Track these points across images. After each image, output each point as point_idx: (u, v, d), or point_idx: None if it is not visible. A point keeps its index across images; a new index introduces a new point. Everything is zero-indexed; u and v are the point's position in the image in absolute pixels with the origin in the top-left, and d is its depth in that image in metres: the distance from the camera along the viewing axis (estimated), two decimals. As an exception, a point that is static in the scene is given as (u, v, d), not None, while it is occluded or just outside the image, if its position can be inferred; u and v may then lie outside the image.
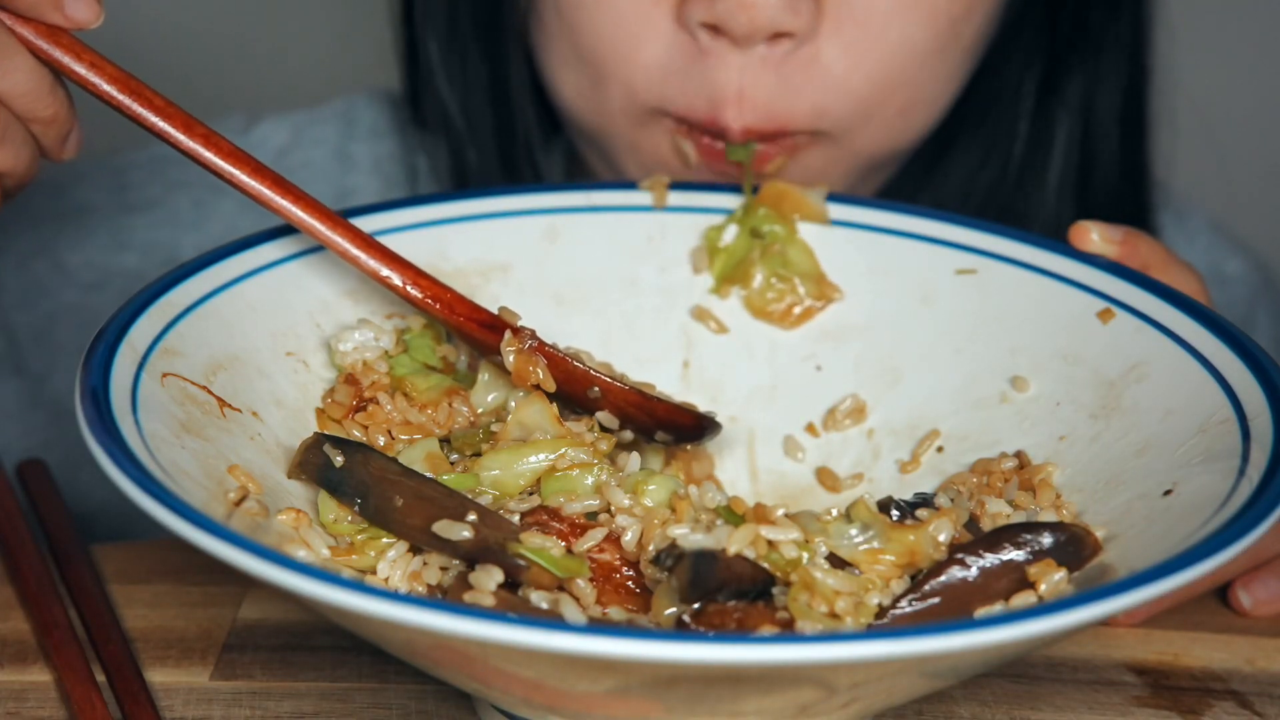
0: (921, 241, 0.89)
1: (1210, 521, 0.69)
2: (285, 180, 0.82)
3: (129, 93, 0.80)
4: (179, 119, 0.80)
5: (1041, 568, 0.73)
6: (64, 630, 0.81)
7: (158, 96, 0.80)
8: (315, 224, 0.82)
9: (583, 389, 0.82)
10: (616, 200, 0.92)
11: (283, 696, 0.79)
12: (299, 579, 0.62)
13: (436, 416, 0.82)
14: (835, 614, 0.70)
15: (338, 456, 0.76)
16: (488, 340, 0.82)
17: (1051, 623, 0.61)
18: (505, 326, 0.82)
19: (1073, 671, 0.83)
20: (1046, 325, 0.86)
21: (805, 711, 0.67)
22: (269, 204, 0.81)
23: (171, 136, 0.80)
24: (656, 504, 0.75)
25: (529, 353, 0.81)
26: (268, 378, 0.81)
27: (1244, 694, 0.82)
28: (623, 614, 0.73)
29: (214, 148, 0.81)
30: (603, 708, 0.66)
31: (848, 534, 0.74)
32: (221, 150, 0.81)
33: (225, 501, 0.73)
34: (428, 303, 0.83)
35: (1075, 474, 0.80)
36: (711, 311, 0.91)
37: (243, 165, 0.81)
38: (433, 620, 0.60)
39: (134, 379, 0.74)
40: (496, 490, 0.77)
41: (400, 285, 0.83)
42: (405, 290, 0.83)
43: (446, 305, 0.83)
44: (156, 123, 0.80)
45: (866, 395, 0.89)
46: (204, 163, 0.80)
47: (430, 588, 0.74)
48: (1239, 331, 0.79)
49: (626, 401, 0.82)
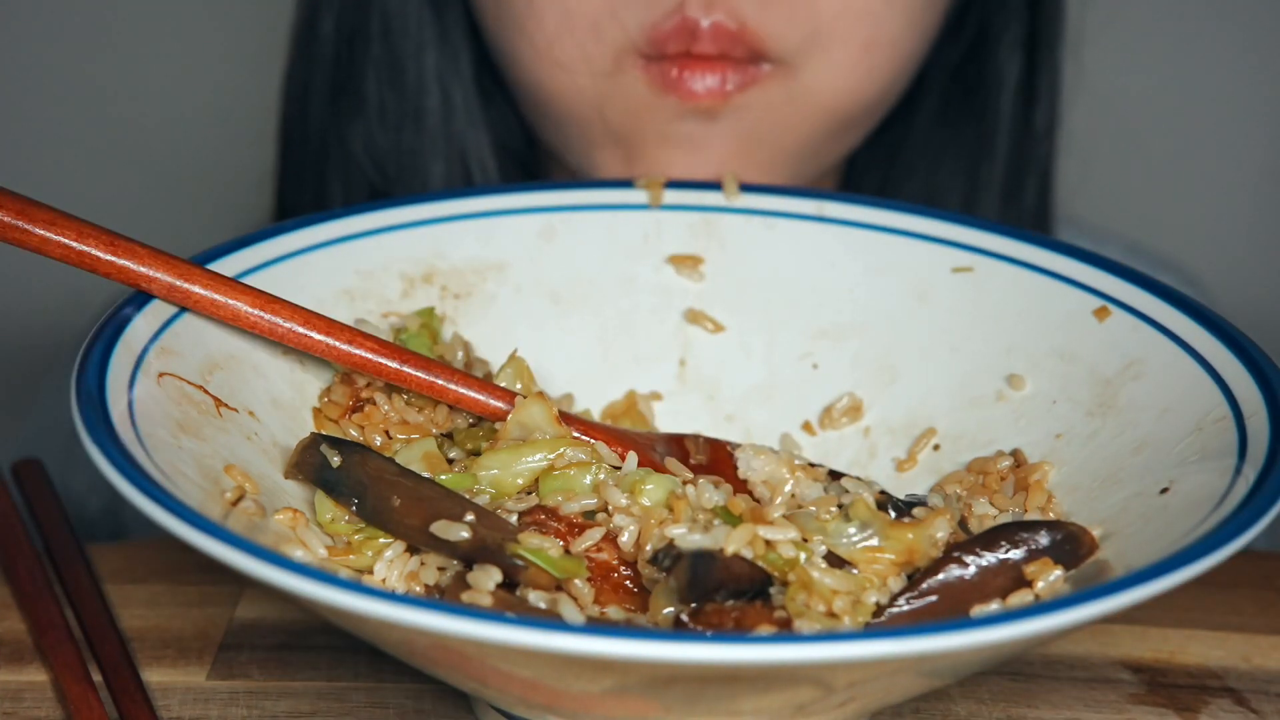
0: (918, 239, 0.90)
1: (1207, 520, 0.69)
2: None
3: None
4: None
5: (1038, 566, 0.73)
6: (60, 630, 0.81)
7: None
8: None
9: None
10: (612, 199, 0.92)
11: (279, 696, 0.79)
12: (296, 579, 0.62)
13: (434, 416, 0.82)
14: (833, 613, 0.70)
15: (335, 456, 0.76)
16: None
17: (1049, 622, 0.61)
18: (508, 398, 0.82)
19: (1069, 669, 0.83)
20: (1043, 323, 0.86)
21: (803, 710, 0.67)
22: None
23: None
24: (654, 504, 0.75)
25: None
26: (264, 377, 0.81)
27: (1240, 691, 0.82)
28: (621, 614, 0.73)
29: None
30: (600, 707, 0.66)
31: (846, 532, 0.74)
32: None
33: (222, 501, 0.73)
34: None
35: (1071, 472, 0.81)
36: (708, 310, 0.91)
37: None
38: (430, 620, 0.60)
39: (130, 379, 0.74)
40: (494, 490, 0.77)
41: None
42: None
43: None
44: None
45: (863, 393, 0.89)
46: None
47: (428, 588, 0.74)
48: (1235, 330, 0.79)
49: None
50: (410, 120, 1.11)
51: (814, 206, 0.91)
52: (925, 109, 1.16)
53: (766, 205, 0.92)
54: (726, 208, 0.92)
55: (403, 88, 1.11)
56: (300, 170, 1.16)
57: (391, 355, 0.80)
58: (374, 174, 1.12)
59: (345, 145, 1.12)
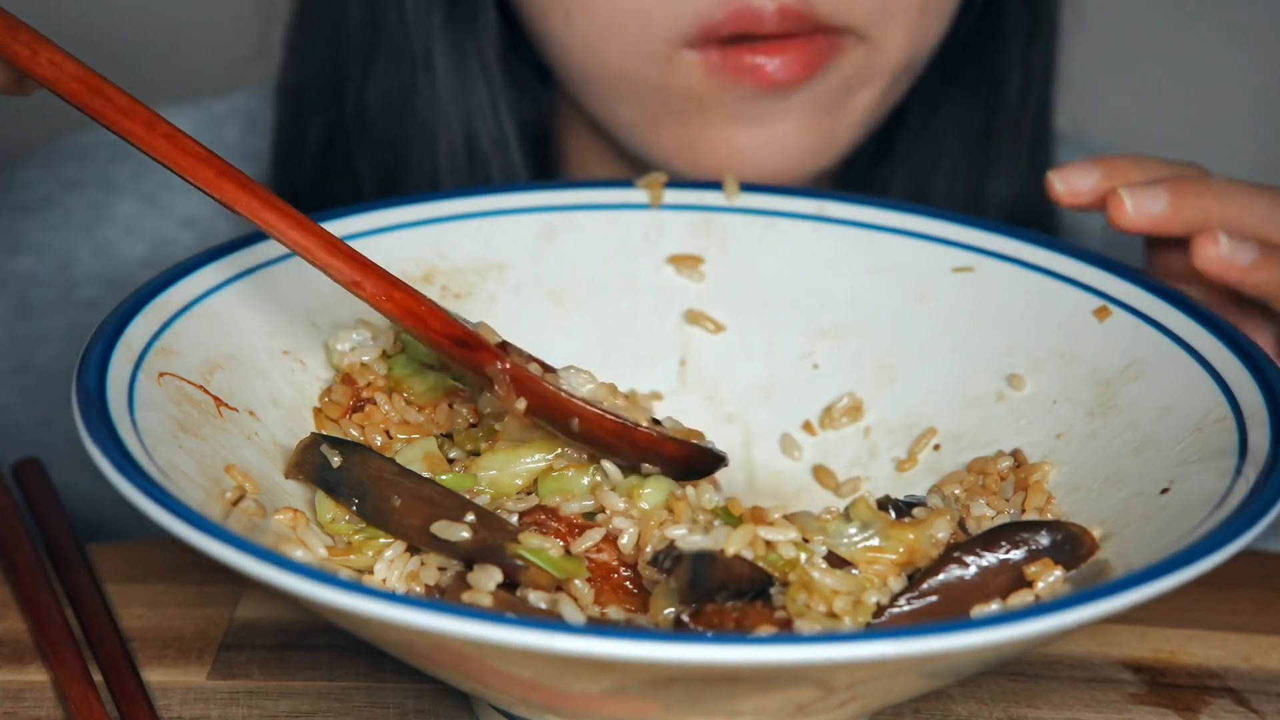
0: (918, 239, 0.90)
1: (1207, 520, 0.69)
2: (252, 182, 0.76)
3: (90, 92, 0.74)
4: (141, 117, 0.75)
5: (1039, 567, 0.73)
6: (60, 630, 0.81)
7: (120, 94, 0.75)
8: (284, 228, 0.76)
9: (562, 416, 0.77)
10: (612, 198, 0.92)
11: (280, 696, 0.79)
12: (296, 579, 0.62)
13: (435, 417, 0.82)
14: (833, 613, 0.70)
15: (335, 457, 0.76)
16: (465, 358, 0.77)
17: (1049, 622, 0.61)
18: (482, 344, 0.78)
19: (1069, 669, 0.83)
20: (1043, 323, 0.86)
21: (803, 711, 0.67)
22: (233, 207, 0.75)
23: (135, 136, 0.75)
24: (654, 505, 0.75)
25: (502, 376, 0.76)
26: (265, 377, 0.81)
27: (1241, 691, 0.82)
28: (621, 614, 0.73)
29: (179, 149, 0.75)
30: (600, 707, 0.66)
31: (847, 532, 0.74)
32: (185, 151, 0.75)
33: (222, 501, 0.73)
34: (402, 316, 0.77)
35: (1072, 472, 0.81)
36: (708, 310, 0.91)
37: (206, 167, 0.75)
38: (430, 621, 0.60)
39: (130, 378, 0.74)
40: (494, 490, 0.77)
41: (371, 295, 0.77)
42: (380, 302, 0.77)
43: (420, 319, 0.77)
44: (120, 121, 0.74)
45: (863, 393, 0.89)
46: (169, 164, 0.75)
47: (428, 588, 0.74)
48: (1236, 330, 0.79)
49: (604, 429, 0.77)
50: (423, 94, 1.08)
51: (814, 206, 0.91)
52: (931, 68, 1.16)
53: (767, 205, 0.92)
54: (727, 207, 0.92)
55: (412, 60, 1.08)
56: (300, 149, 1.14)
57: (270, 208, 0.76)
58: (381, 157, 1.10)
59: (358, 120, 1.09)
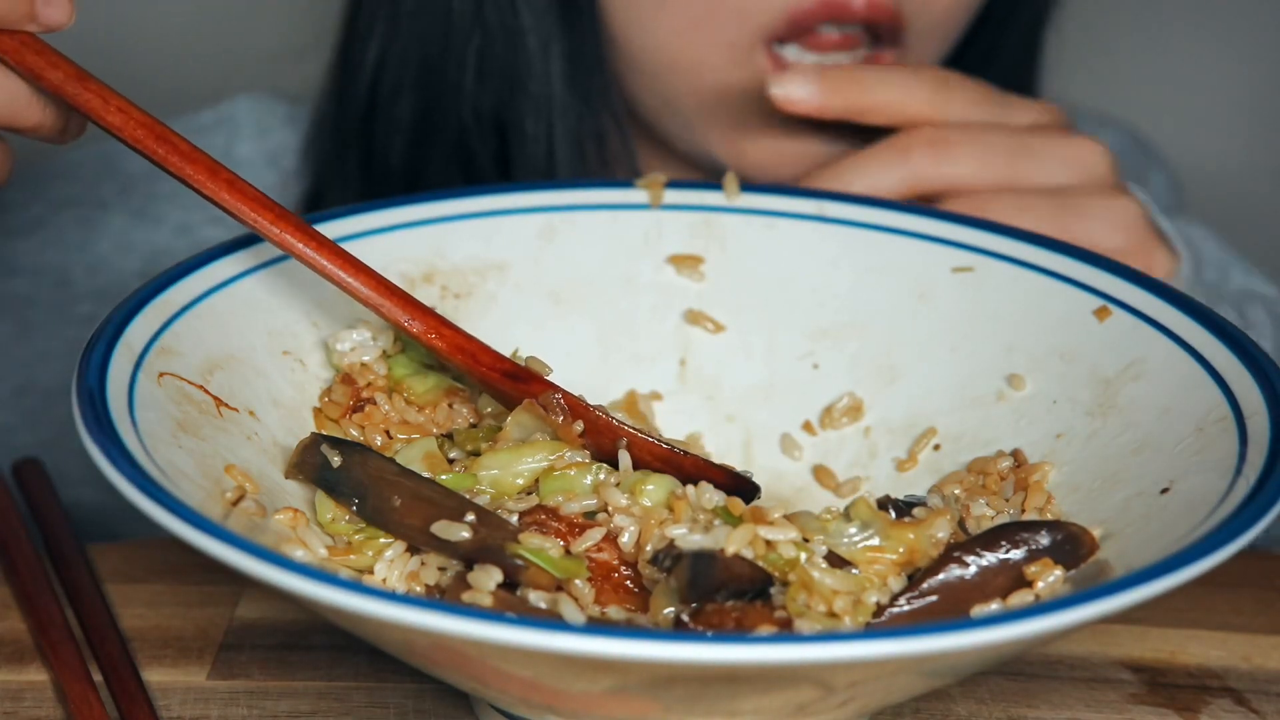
0: (918, 239, 0.90)
1: (1207, 520, 0.69)
2: (307, 225, 0.79)
3: (157, 139, 0.77)
4: (204, 164, 0.78)
5: (1039, 566, 0.73)
6: (60, 630, 0.81)
7: (183, 141, 0.78)
8: (338, 266, 0.79)
9: (610, 441, 0.79)
10: (612, 198, 0.92)
11: (280, 696, 0.79)
12: (296, 579, 0.62)
13: (435, 417, 0.82)
14: (833, 613, 0.70)
15: (335, 457, 0.76)
16: (518, 391, 0.80)
17: (1049, 622, 0.61)
18: (534, 377, 0.80)
19: (1070, 669, 0.83)
20: (1043, 323, 0.86)
21: (803, 710, 0.67)
22: (290, 250, 0.79)
23: (199, 182, 0.78)
24: (654, 504, 0.75)
25: (559, 409, 0.79)
26: (265, 377, 0.81)
27: (1240, 691, 0.82)
28: (621, 614, 0.73)
29: (240, 195, 0.78)
30: (601, 707, 0.66)
31: (847, 532, 0.74)
32: (247, 196, 0.78)
33: (222, 501, 0.73)
34: (452, 353, 0.80)
35: (1072, 472, 0.81)
36: (708, 310, 0.91)
37: (267, 211, 0.78)
38: (431, 620, 0.60)
39: (131, 378, 0.74)
40: (494, 490, 0.77)
41: (421, 332, 0.80)
42: (429, 339, 0.80)
43: (470, 355, 0.80)
44: (184, 168, 0.77)
45: (863, 393, 0.89)
46: (232, 211, 0.78)
47: (428, 588, 0.74)
48: (1236, 330, 0.79)
49: (653, 455, 0.78)
50: (516, 84, 1.10)
51: (814, 206, 0.91)
52: None
53: (766, 205, 0.92)
54: (727, 207, 0.92)
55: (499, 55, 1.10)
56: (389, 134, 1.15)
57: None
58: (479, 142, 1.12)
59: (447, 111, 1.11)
